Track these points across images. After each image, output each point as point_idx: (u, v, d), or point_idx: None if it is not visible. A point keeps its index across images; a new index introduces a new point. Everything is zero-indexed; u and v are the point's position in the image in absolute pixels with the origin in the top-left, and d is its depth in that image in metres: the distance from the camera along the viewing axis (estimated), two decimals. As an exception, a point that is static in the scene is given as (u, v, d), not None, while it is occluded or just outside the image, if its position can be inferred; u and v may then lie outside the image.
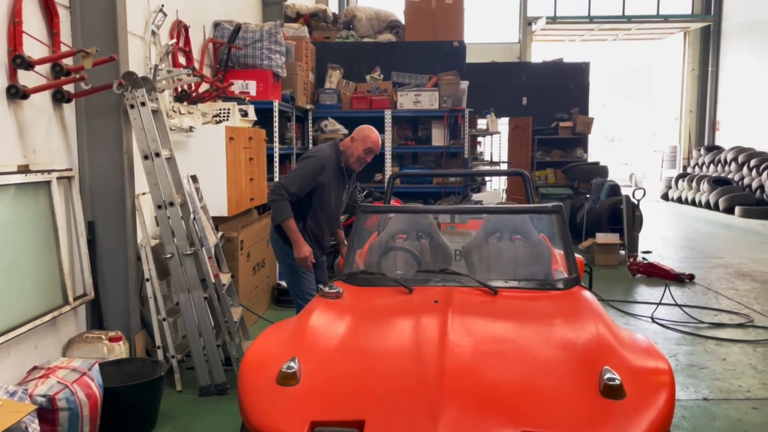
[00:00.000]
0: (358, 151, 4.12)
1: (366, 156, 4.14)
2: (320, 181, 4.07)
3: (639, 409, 2.15)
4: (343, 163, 4.17)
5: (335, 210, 4.28)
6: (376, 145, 4.17)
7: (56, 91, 3.79)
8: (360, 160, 4.14)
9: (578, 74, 13.06)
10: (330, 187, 4.13)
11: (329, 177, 4.10)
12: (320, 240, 4.29)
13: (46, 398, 2.99)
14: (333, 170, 4.12)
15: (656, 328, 5.59)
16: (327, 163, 4.12)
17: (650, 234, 10.52)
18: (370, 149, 4.13)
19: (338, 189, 4.22)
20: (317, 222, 4.20)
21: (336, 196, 4.22)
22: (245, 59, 6.80)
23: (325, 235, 4.32)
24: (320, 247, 4.33)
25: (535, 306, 3.03)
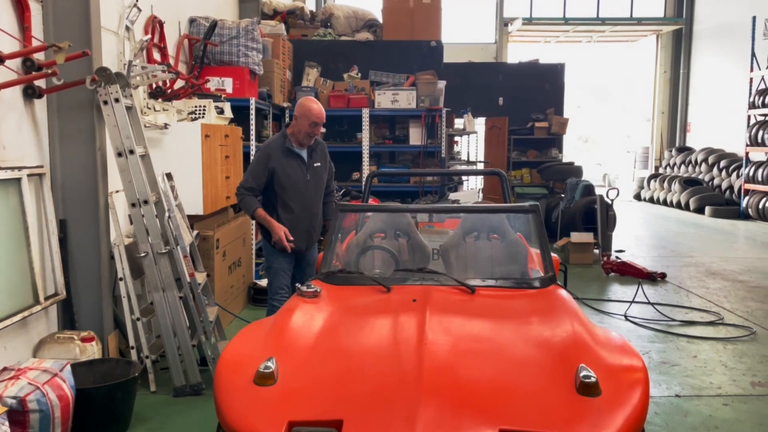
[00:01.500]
0: (304, 127, 4.17)
1: (313, 129, 4.18)
2: (271, 168, 4.18)
3: (614, 406, 2.18)
4: (294, 143, 4.23)
5: (304, 191, 4.28)
6: (320, 117, 4.18)
7: (27, 86, 3.71)
8: (309, 134, 4.19)
9: (554, 75, 13.20)
10: (283, 170, 4.20)
11: (279, 161, 4.19)
12: (300, 227, 4.27)
13: (16, 400, 2.92)
14: (281, 153, 4.21)
15: (629, 326, 5.67)
16: (271, 148, 4.25)
17: (623, 233, 10.69)
18: (314, 123, 4.17)
19: (295, 170, 4.24)
20: (287, 207, 4.25)
21: (295, 177, 4.24)
22: (221, 56, 6.73)
23: (303, 221, 4.30)
24: (305, 235, 4.31)
25: (511, 304, 3.05)
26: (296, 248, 4.26)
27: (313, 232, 4.41)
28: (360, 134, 8.48)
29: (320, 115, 4.20)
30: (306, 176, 4.28)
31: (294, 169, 4.25)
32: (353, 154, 8.48)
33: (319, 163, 4.38)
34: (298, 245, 4.27)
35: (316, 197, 4.39)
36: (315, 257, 4.48)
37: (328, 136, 8.61)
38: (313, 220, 4.38)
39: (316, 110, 4.18)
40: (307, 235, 4.37)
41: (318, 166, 4.37)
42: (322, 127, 4.39)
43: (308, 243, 4.39)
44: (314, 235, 4.43)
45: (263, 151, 4.30)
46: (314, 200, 4.38)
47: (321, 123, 4.21)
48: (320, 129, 4.26)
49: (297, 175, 4.25)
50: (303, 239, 4.32)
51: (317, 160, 4.38)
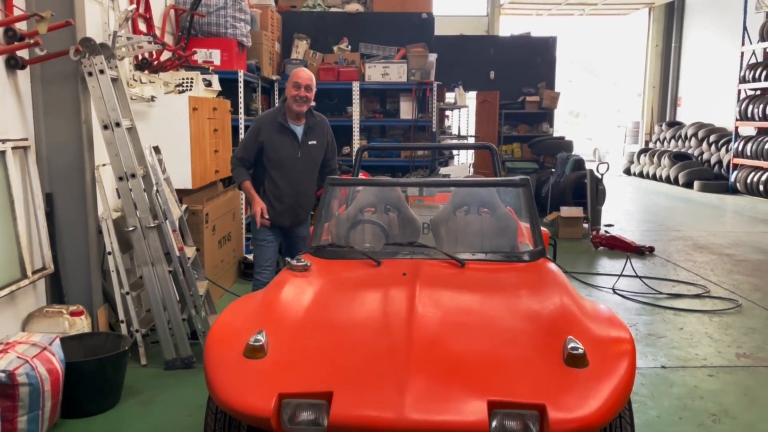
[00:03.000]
0: (290, 92, 4.09)
1: (298, 92, 4.06)
2: (261, 141, 4.13)
3: (601, 377, 2.21)
4: (290, 118, 4.15)
5: (292, 167, 4.18)
6: (302, 78, 4.07)
7: (9, 57, 3.63)
8: (297, 99, 4.08)
9: (545, 49, 13.10)
10: (272, 145, 4.13)
11: (269, 135, 4.12)
12: (285, 203, 4.21)
13: (5, 373, 2.92)
14: (272, 128, 4.14)
15: (617, 298, 5.73)
16: (263, 122, 4.21)
17: (613, 208, 10.74)
18: (296, 84, 4.06)
19: (286, 145, 4.15)
20: (273, 183, 4.19)
21: (285, 152, 4.15)
22: (209, 27, 6.61)
23: (289, 198, 4.21)
24: (289, 212, 4.24)
25: (501, 278, 3.06)
26: (279, 225, 4.21)
27: (300, 210, 4.31)
28: (350, 108, 8.41)
29: (302, 75, 4.08)
30: (296, 153, 4.18)
31: (284, 144, 4.15)
32: (343, 128, 8.41)
33: (314, 141, 4.25)
34: (281, 222, 4.21)
35: (306, 175, 4.28)
36: (305, 234, 4.36)
37: (318, 109, 8.50)
38: (300, 198, 4.27)
39: (298, 72, 4.09)
40: (293, 213, 4.27)
41: (313, 144, 4.24)
42: (313, 100, 4.26)
43: (293, 220, 4.30)
44: (301, 213, 4.33)
45: (255, 123, 4.26)
46: (304, 178, 4.27)
47: (304, 84, 4.06)
48: (308, 92, 4.10)
49: (286, 151, 4.15)
50: (287, 216, 4.25)
51: (313, 137, 4.25)
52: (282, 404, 2.11)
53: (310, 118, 4.25)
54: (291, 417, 2.10)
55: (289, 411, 2.10)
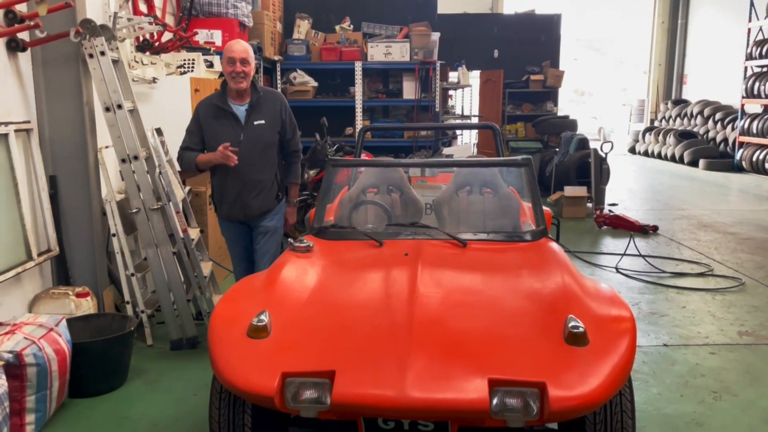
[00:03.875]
0: (225, 68, 3.66)
1: (233, 68, 3.59)
2: (202, 127, 3.74)
3: (601, 355, 2.22)
4: (231, 97, 3.72)
5: (236, 153, 3.59)
6: (236, 51, 3.59)
7: (10, 39, 3.62)
8: (232, 76, 3.61)
9: (550, 27, 12.96)
10: (210, 130, 3.71)
11: (206, 119, 3.72)
12: (230, 195, 3.77)
13: (12, 354, 2.96)
14: (208, 111, 3.73)
15: (620, 278, 5.75)
16: (201, 106, 3.81)
17: (617, 187, 10.71)
18: (230, 59, 3.59)
19: (225, 129, 3.68)
20: (215, 172, 3.78)
21: (224, 137, 3.63)
22: (210, 8, 6.56)
23: (233, 188, 3.75)
24: (238, 204, 3.78)
25: (502, 258, 3.07)
26: (233, 219, 3.87)
27: (252, 202, 3.77)
28: (353, 88, 8.38)
29: (236, 48, 3.61)
30: (238, 136, 3.67)
31: (223, 128, 3.69)
32: (346, 109, 8.40)
33: (262, 121, 3.72)
34: (234, 216, 3.83)
35: (254, 161, 3.72)
36: (272, 226, 3.90)
37: (320, 90, 8.52)
38: (249, 188, 3.74)
39: (231, 45, 3.65)
40: (242, 204, 3.77)
41: (261, 124, 3.71)
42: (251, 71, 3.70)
43: (246, 213, 3.80)
44: (254, 205, 3.78)
45: (195, 109, 3.84)
46: (251, 165, 3.71)
47: (239, 58, 3.58)
48: (245, 67, 3.60)
49: (226, 135, 3.65)
50: (237, 209, 3.79)
51: (260, 116, 3.72)
52: (285, 383, 2.13)
53: (254, 94, 3.73)
54: (294, 395, 2.12)
55: (293, 390, 2.13)
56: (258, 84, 3.71)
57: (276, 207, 3.90)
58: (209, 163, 3.67)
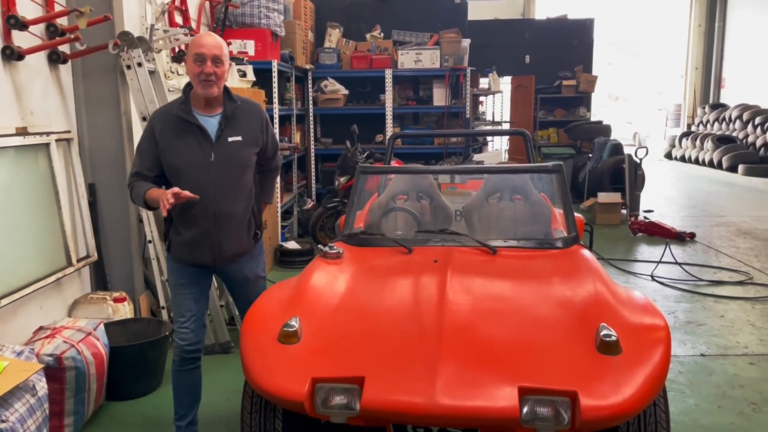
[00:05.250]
0: (191, 69, 2.73)
1: (202, 68, 2.69)
2: (160, 147, 2.80)
3: (634, 365, 2.18)
4: (196, 106, 2.82)
5: (203, 178, 2.76)
6: (206, 46, 2.70)
7: (52, 51, 3.75)
8: (201, 78, 2.71)
9: (582, 31, 12.82)
10: (171, 148, 2.78)
11: (166, 135, 2.79)
12: (198, 230, 2.84)
13: (52, 357, 3.05)
14: (170, 123, 2.80)
15: (656, 286, 5.63)
16: (157, 118, 2.87)
17: (652, 193, 10.51)
18: (199, 56, 2.69)
19: (191, 147, 2.78)
20: (181, 205, 2.73)
21: (189, 157, 2.77)
22: (243, 18, 6.68)
23: (202, 222, 2.82)
24: (207, 243, 2.86)
25: (533, 265, 3.04)
26: (196, 262, 2.92)
27: (222, 239, 2.87)
28: (383, 96, 8.40)
29: (206, 42, 2.72)
30: (208, 156, 2.77)
31: (188, 146, 2.78)
32: (376, 116, 8.43)
33: (238, 137, 2.83)
34: (199, 258, 2.89)
35: (227, 188, 2.83)
36: (252, 274, 3.05)
37: (351, 97, 8.58)
38: (221, 221, 2.85)
39: (197, 41, 2.76)
40: (211, 244, 2.86)
41: (236, 141, 2.82)
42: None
43: (216, 256, 2.89)
44: (225, 245, 2.88)
45: (147, 124, 2.92)
46: (224, 191, 2.82)
47: (211, 55, 2.69)
48: (217, 67, 2.72)
49: (192, 155, 2.77)
50: (204, 251, 2.87)
51: (236, 131, 2.84)
52: (315, 388, 2.15)
53: (229, 104, 2.85)
54: (324, 401, 2.14)
55: (323, 395, 2.15)
56: (232, 92, 2.91)
57: (252, 249, 3.03)
58: (156, 203, 2.71)
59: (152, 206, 2.81)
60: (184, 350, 2.97)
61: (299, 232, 7.65)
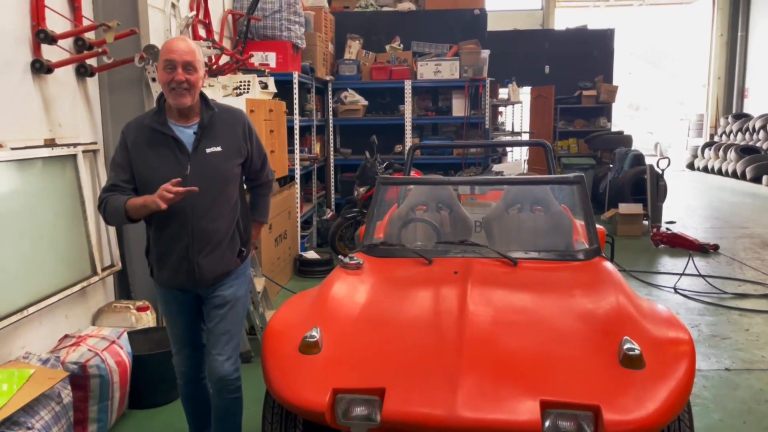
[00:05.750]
0: (161, 77, 2.53)
1: (173, 75, 2.49)
2: (133, 159, 2.60)
3: (658, 379, 2.16)
4: (171, 116, 2.61)
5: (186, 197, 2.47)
6: (177, 51, 2.50)
7: (79, 65, 3.83)
8: (171, 87, 2.51)
9: (603, 41, 12.77)
10: (144, 162, 2.58)
11: (139, 147, 2.60)
12: (174, 251, 2.62)
13: (77, 365, 3.09)
14: (143, 134, 2.61)
15: (679, 298, 5.56)
16: (129, 129, 2.66)
17: (674, 204, 10.39)
18: (169, 62, 2.49)
19: (165, 159, 2.58)
20: (153, 221, 2.62)
21: (164, 171, 2.54)
22: (264, 30, 6.76)
23: (179, 242, 2.61)
24: (184, 266, 2.62)
25: (555, 277, 3.03)
26: (173, 285, 2.71)
27: (201, 259, 2.61)
28: (402, 106, 8.44)
29: (177, 47, 2.51)
30: (183, 169, 2.55)
31: (162, 158, 2.58)
32: (396, 127, 8.47)
33: (218, 148, 2.61)
34: (176, 281, 2.67)
35: (205, 203, 2.58)
36: (230, 296, 2.73)
37: (370, 108, 8.62)
38: (198, 241, 2.60)
39: (171, 44, 2.53)
40: (189, 266, 2.62)
41: (215, 152, 2.61)
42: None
43: (195, 278, 2.64)
44: (204, 265, 2.63)
45: (122, 132, 2.69)
46: (203, 208, 2.59)
47: (182, 61, 2.49)
48: (189, 74, 2.51)
49: (166, 169, 2.55)
50: (183, 272, 2.63)
51: (215, 142, 2.62)
52: (336, 399, 2.16)
53: (206, 113, 2.64)
54: (345, 412, 2.15)
55: (343, 406, 2.15)
56: (210, 99, 2.70)
57: (237, 269, 2.77)
58: (144, 208, 2.47)
59: (134, 217, 2.54)
60: (185, 375, 2.91)
61: (318, 242, 7.68)
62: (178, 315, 2.80)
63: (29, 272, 3.27)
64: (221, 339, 2.70)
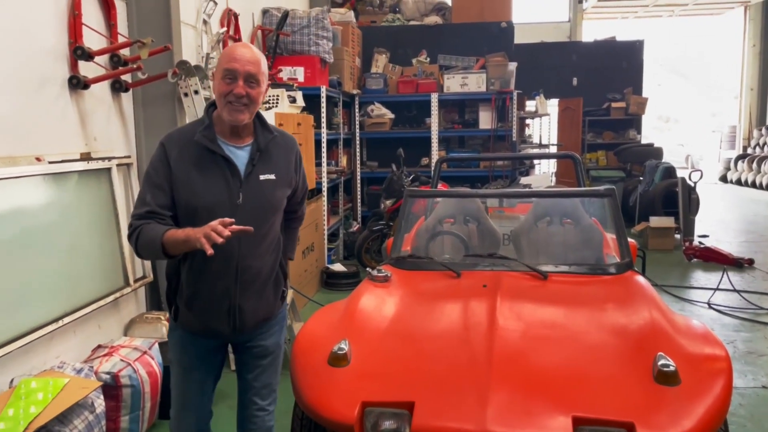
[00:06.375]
0: (220, 87, 2.17)
1: (230, 86, 2.15)
2: (176, 180, 2.21)
3: (694, 396, 2.11)
4: (221, 133, 2.26)
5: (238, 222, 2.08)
6: (239, 60, 2.15)
7: (114, 80, 3.93)
8: (229, 100, 2.16)
9: (632, 53, 12.64)
10: (189, 183, 2.20)
11: (184, 166, 2.22)
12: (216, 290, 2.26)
13: (110, 375, 3.14)
14: (189, 151, 2.23)
15: (713, 314, 5.43)
16: (171, 144, 2.28)
17: (707, 217, 10.18)
18: (229, 72, 2.15)
19: (214, 183, 2.21)
20: (196, 261, 2.23)
21: (211, 196, 2.20)
22: (293, 45, 6.86)
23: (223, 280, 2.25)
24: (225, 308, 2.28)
25: (586, 291, 2.99)
26: (207, 330, 2.34)
27: (246, 303, 2.30)
28: (429, 119, 8.45)
29: (240, 55, 2.16)
30: (236, 196, 2.22)
31: (212, 181, 2.21)
32: (422, 139, 8.48)
33: (272, 175, 2.30)
34: (215, 325, 2.31)
35: (256, 237, 2.23)
36: (272, 346, 2.47)
37: (397, 121, 8.66)
38: (243, 282, 2.28)
39: (233, 51, 2.18)
40: (231, 311, 2.29)
41: (269, 180, 2.29)
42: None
43: (237, 324, 2.31)
44: (248, 310, 2.31)
45: (158, 150, 2.31)
46: (251, 243, 2.25)
47: (244, 72, 2.15)
48: (252, 88, 2.18)
49: (216, 193, 2.21)
50: (222, 318, 2.30)
51: (269, 168, 2.30)
52: (365, 412, 2.16)
53: (263, 135, 2.32)
54: (374, 425, 2.14)
55: (372, 419, 2.15)
56: (265, 119, 2.37)
57: (279, 313, 2.50)
58: (185, 244, 2.07)
59: (172, 253, 2.14)
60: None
61: (345, 254, 7.71)
62: (196, 366, 2.40)
63: (65, 283, 3.35)
64: (262, 392, 2.48)
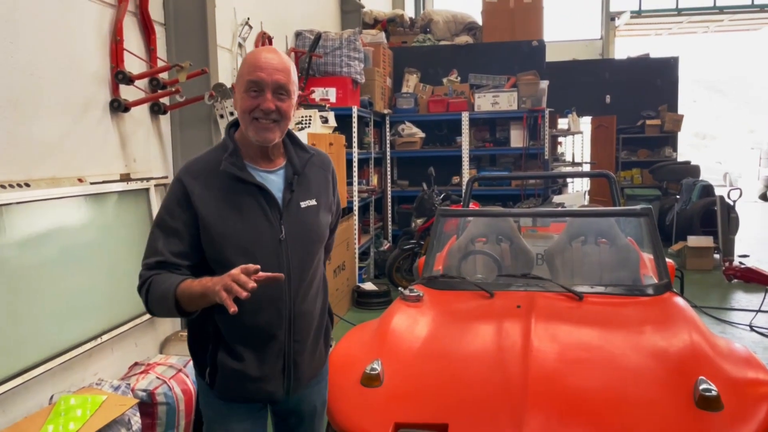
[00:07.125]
0: (242, 102, 1.81)
1: (257, 101, 1.79)
2: (203, 221, 1.81)
3: (737, 422, 2.05)
4: (248, 157, 1.89)
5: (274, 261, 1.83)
6: (264, 67, 1.78)
7: (153, 103, 4.04)
8: (254, 116, 1.80)
9: (666, 70, 12.48)
10: (218, 218, 1.82)
11: (211, 203, 1.82)
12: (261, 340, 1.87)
13: (146, 393, 3.18)
14: (215, 185, 1.84)
15: (755, 336, 5.26)
16: (189, 178, 1.86)
17: (747, 237, 9.90)
18: (253, 83, 1.78)
19: (250, 216, 1.84)
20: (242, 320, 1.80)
21: (248, 233, 1.82)
22: (325, 67, 6.96)
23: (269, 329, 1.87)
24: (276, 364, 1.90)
25: (623, 312, 2.93)
26: (258, 396, 1.92)
27: (301, 358, 1.94)
28: (459, 138, 8.45)
29: (260, 63, 1.78)
30: (278, 231, 1.86)
31: (246, 215, 1.84)
32: (453, 158, 8.48)
33: (312, 201, 1.94)
34: (269, 389, 1.91)
35: (305, 277, 1.93)
36: (319, 401, 2.12)
37: (427, 140, 8.68)
38: (298, 330, 1.92)
39: (256, 57, 1.81)
40: (286, 369, 1.92)
41: (310, 206, 1.93)
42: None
43: (293, 383, 1.95)
44: (303, 365, 1.95)
45: (177, 183, 1.88)
46: (300, 285, 1.91)
47: (272, 83, 1.78)
48: (281, 100, 1.81)
49: (255, 231, 1.84)
50: (274, 380, 1.91)
51: (309, 193, 1.95)
52: (398, 433, 2.14)
53: (298, 155, 1.97)
54: (407, 447, 2.13)
55: (405, 440, 2.13)
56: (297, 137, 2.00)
57: (326, 365, 2.15)
58: (203, 299, 1.70)
59: (187, 309, 1.76)
60: None
61: (376, 273, 7.71)
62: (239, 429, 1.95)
63: (104, 301, 3.42)
64: None
